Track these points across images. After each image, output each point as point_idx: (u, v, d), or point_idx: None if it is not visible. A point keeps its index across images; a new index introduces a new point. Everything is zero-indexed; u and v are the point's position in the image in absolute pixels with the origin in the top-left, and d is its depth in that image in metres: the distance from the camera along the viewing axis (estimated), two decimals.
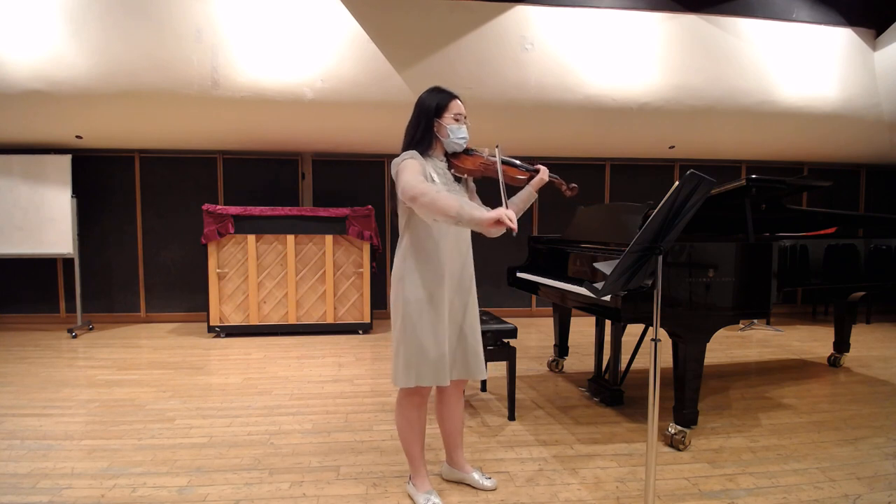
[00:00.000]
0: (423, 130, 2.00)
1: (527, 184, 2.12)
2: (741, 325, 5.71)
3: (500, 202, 1.77)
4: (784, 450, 2.59)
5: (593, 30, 4.56)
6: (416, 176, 1.82)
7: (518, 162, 2.13)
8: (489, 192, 2.18)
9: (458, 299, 2.04)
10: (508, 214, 1.64)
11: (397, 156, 1.98)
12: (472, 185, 2.18)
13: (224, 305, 5.12)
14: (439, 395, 2.17)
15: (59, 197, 5.21)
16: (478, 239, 2.14)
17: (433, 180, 1.96)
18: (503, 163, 2.07)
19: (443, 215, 1.70)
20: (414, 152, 1.96)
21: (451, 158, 2.05)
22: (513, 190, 2.07)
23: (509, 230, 1.64)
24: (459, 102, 2.03)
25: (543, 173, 2.13)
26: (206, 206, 4.98)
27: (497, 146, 2.02)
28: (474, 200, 2.14)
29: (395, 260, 2.04)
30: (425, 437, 2.14)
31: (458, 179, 2.08)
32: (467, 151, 2.06)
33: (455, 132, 2.00)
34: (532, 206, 4.02)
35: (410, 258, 1.97)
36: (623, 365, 3.29)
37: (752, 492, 2.18)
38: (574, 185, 2.20)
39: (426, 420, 2.11)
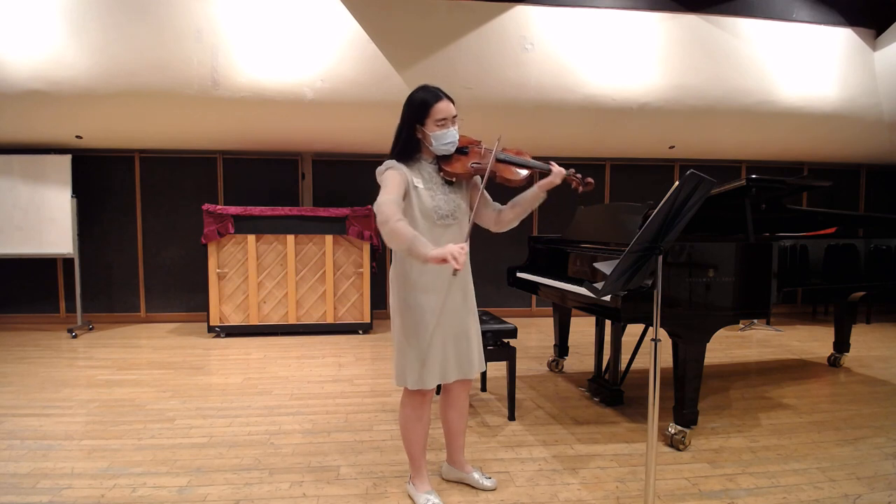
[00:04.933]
0: (405, 139, 1.93)
1: (526, 182, 2.00)
2: (741, 325, 5.71)
3: (515, 192, 1.79)
4: (784, 450, 2.59)
5: (593, 30, 4.56)
6: (389, 195, 1.78)
7: (521, 159, 1.98)
8: (498, 190, 2.07)
9: (456, 300, 2.02)
10: (453, 252, 1.61)
11: None
12: (475, 180, 2.07)
13: (224, 305, 5.12)
14: (445, 395, 2.16)
15: (59, 197, 5.21)
16: (478, 239, 2.13)
17: (416, 187, 1.91)
18: (501, 160, 1.97)
19: (397, 246, 1.74)
20: (394, 162, 1.91)
21: (441, 161, 1.96)
22: (520, 189, 2.02)
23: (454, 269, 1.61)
24: (445, 104, 1.87)
25: (555, 176, 1.97)
26: (206, 206, 4.98)
27: (499, 138, 1.92)
28: (476, 198, 1.99)
29: (394, 261, 2.03)
30: (427, 438, 2.14)
31: (449, 182, 1.99)
32: (461, 150, 1.95)
33: (439, 139, 1.89)
34: None
35: (408, 260, 1.94)
36: (623, 365, 3.29)
37: (752, 492, 2.18)
38: (590, 179, 2.05)
39: (429, 421, 2.10)
